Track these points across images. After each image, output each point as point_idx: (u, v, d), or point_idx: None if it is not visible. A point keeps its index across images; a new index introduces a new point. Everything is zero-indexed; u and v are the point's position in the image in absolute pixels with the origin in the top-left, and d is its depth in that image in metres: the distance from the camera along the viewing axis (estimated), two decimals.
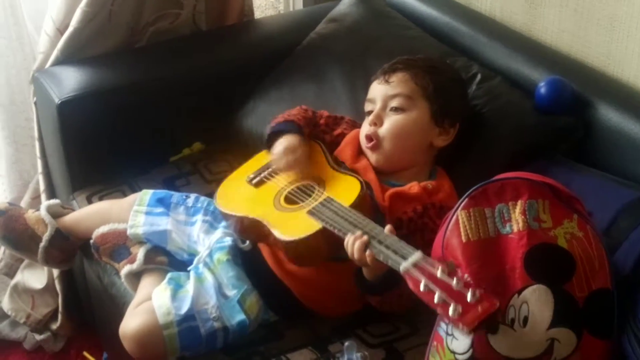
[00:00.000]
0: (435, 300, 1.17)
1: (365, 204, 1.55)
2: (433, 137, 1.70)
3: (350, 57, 2.07)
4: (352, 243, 1.41)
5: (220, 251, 1.68)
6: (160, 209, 1.81)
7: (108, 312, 2.00)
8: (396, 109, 1.69)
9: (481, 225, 1.36)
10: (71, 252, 1.99)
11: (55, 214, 1.95)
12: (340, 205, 1.51)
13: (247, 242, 1.69)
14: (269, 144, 1.75)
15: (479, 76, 1.86)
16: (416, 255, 1.28)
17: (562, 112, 1.75)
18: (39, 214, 1.93)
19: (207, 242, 1.72)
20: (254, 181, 1.73)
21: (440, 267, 1.22)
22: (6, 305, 2.32)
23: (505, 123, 1.77)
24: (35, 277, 2.32)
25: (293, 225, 1.54)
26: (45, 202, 1.98)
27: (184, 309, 1.59)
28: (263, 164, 1.77)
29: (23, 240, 1.92)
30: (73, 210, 2.00)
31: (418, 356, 1.54)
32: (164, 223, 1.79)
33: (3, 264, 2.32)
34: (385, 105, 1.70)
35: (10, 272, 2.34)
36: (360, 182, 1.58)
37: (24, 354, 2.35)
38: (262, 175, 1.74)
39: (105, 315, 2.10)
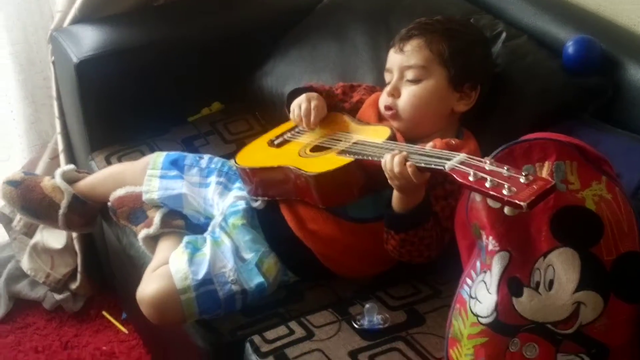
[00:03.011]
0: (488, 184, 1.15)
1: None
2: (453, 103, 1.66)
3: (372, 15, 2.03)
4: (391, 159, 1.39)
5: (234, 216, 1.67)
6: (174, 172, 1.80)
7: (127, 273, 2.00)
8: (412, 80, 1.65)
9: None
10: (91, 216, 1.99)
11: (70, 180, 1.95)
12: (373, 142, 1.50)
13: (259, 200, 1.67)
14: (289, 104, 1.74)
15: (504, 34, 1.81)
16: (461, 156, 1.26)
17: (591, 72, 1.72)
18: (55, 181, 1.93)
19: (221, 206, 1.71)
20: (276, 142, 1.71)
21: (488, 161, 1.21)
22: (25, 265, 2.33)
23: (532, 83, 1.73)
24: (54, 237, 2.32)
25: (324, 164, 1.52)
26: (59, 169, 1.98)
27: (201, 273, 1.59)
28: (285, 130, 1.75)
29: (42, 209, 1.93)
30: (88, 174, 1.99)
31: (439, 319, 1.53)
32: (179, 186, 1.78)
33: (22, 224, 2.32)
34: (402, 76, 1.67)
35: (30, 232, 2.35)
36: (390, 127, 1.57)
37: (44, 313, 2.36)
38: (284, 136, 1.72)
39: (124, 276, 2.10)
